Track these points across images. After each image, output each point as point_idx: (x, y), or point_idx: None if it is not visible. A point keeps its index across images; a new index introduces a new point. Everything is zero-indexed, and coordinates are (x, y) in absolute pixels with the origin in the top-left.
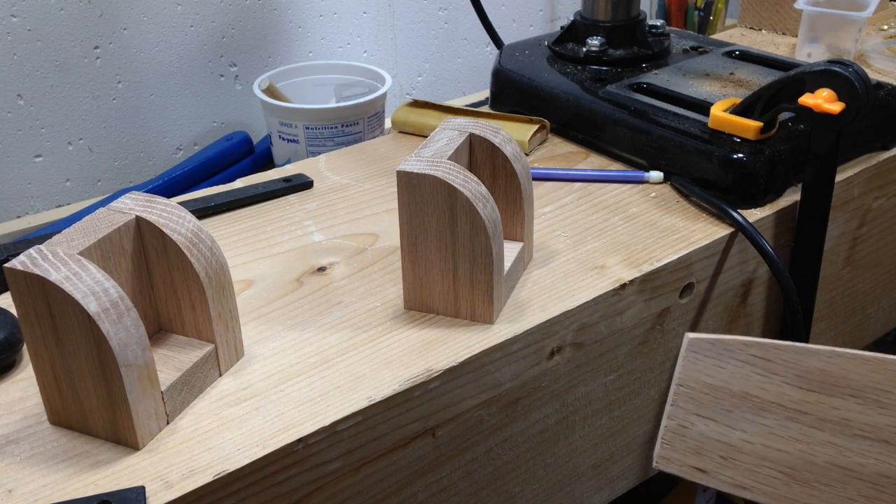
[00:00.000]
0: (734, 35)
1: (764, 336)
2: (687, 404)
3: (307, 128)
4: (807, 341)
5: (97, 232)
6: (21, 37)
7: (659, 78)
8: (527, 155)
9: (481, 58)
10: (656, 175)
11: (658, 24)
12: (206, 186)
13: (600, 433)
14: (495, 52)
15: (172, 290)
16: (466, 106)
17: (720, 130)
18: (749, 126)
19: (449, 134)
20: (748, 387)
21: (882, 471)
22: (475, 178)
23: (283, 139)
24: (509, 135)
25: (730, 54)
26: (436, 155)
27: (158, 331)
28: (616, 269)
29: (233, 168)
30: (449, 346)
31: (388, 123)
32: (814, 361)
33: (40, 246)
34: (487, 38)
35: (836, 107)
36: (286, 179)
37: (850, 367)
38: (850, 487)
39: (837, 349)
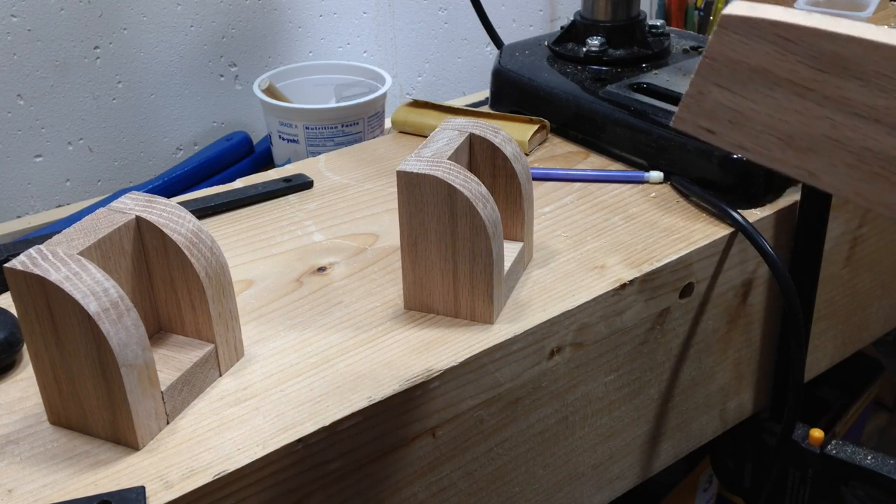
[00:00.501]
0: None
1: (764, 338)
2: (708, 74)
3: (307, 128)
4: (807, 341)
5: (97, 232)
6: (21, 37)
7: (659, 78)
8: (527, 155)
9: (481, 58)
10: (656, 175)
11: (658, 24)
12: (206, 186)
13: (600, 433)
14: (495, 52)
15: (172, 290)
16: (466, 106)
17: None
18: None
19: (449, 134)
20: (765, 63)
21: (867, 145)
22: (475, 178)
23: (283, 139)
24: (509, 135)
25: None
26: (436, 155)
27: (158, 331)
28: (616, 269)
29: (233, 168)
30: (449, 346)
31: (388, 123)
32: (829, 44)
33: (40, 246)
34: (487, 38)
35: None
36: (286, 179)
37: (862, 51)
38: (835, 156)
39: (855, 35)
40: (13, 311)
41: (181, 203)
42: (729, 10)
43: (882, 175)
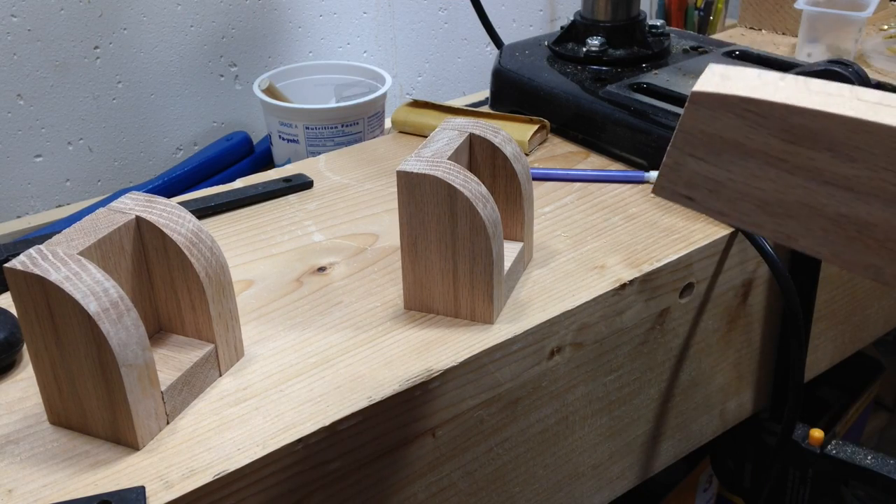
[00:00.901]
0: (734, 35)
1: (764, 338)
2: (684, 146)
3: (307, 128)
4: (807, 341)
5: (97, 232)
6: (21, 37)
7: (659, 78)
8: (527, 155)
9: (481, 58)
10: (656, 175)
11: (658, 24)
12: (206, 186)
13: (600, 433)
14: (495, 52)
15: (172, 290)
16: (466, 106)
17: None
18: None
19: (449, 134)
20: (737, 136)
21: (841, 211)
22: (475, 178)
23: (283, 139)
24: (509, 135)
25: (730, 54)
26: (436, 155)
27: (158, 331)
28: (616, 269)
29: (233, 168)
30: (449, 346)
31: (388, 123)
32: (799, 119)
33: (40, 246)
34: (487, 38)
35: None
36: (286, 179)
37: (830, 125)
38: (811, 222)
39: (823, 110)
40: (13, 311)
41: (181, 203)
42: (700, 85)
43: (858, 239)
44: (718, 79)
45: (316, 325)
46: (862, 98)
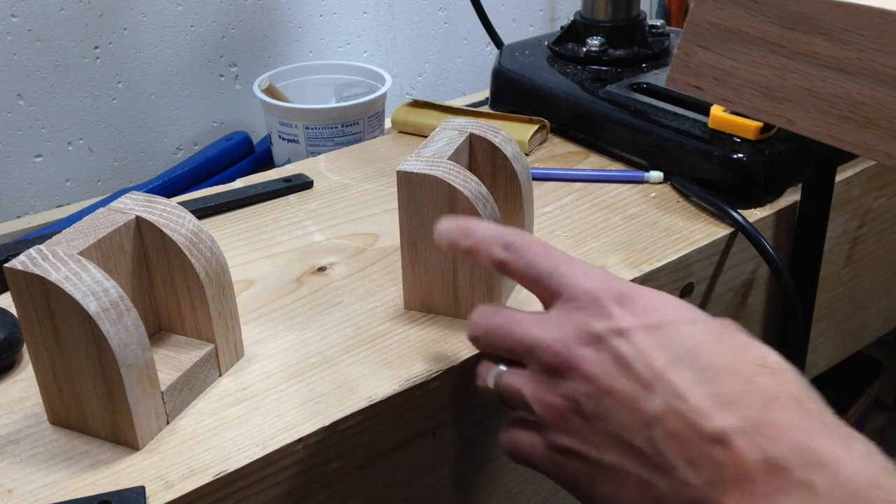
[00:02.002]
0: None
1: (764, 338)
2: (692, 38)
3: (307, 128)
4: (807, 341)
5: (97, 232)
6: (21, 37)
7: (659, 78)
8: (527, 155)
9: (481, 58)
10: (656, 175)
11: (658, 24)
12: (206, 186)
13: None
14: (495, 52)
15: (172, 290)
16: (466, 106)
17: (720, 130)
18: (749, 126)
19: (449, 134)
20: (740, 24)
21: (835, 92)
22: (475, 178)
23: (283, 139)
24: (509, 135)
25: None
26: (436, 155)
27: (158, 331)
28: (616, 269)
29: (233, 168)
30: (449, 346)
31: (388, 123)
32: (794, 5)
33: (40, 246)
34: (487, 38)
35: None
36: (286, 179)
37: (824, 12)
38: (808, 104)
39: None
40: (13, 311)
41: (181, 203)
42: None
43: (851, 118)
44: None
45: (316, 325)
46: None
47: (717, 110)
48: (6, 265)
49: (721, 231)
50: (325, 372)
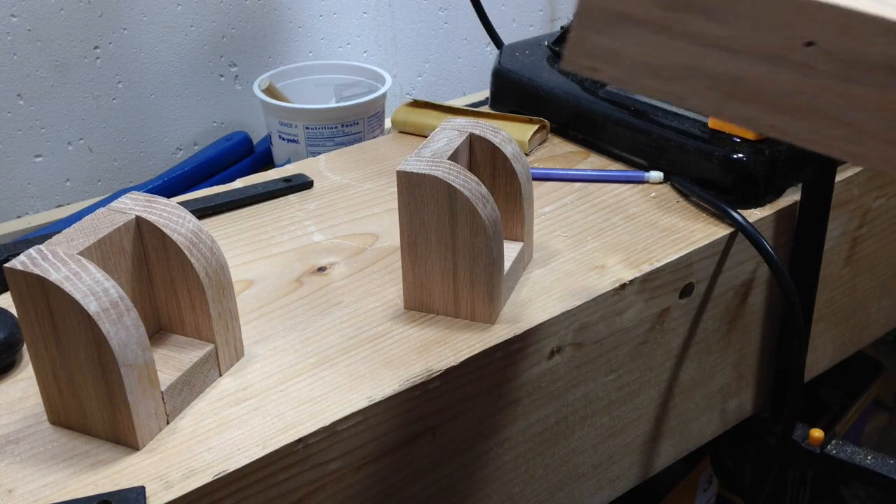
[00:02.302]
0: None
1: (764, 338)
2: (584, 21)
3: (307, 128)
4: (807, 341)
5: (97, 232)
6: (21, 37)
7: None
8: (527, 155)
9: (481, 58)
10: (656, 175)
11: None
12: (206, 186)
13: (600, 433)
14: (495, 52)
15: (172, 290)
16: (466, 106)
17: (720, 130)
18: None
19: (449, 134)
20: (626, 7)
21: (719, 70)
22: (475, 178)
23: (283, 139)
24: (509, 135)
25: None
26: (436, 155)
27: (158, 331)
28: (616, 269)
29: (233, 168)
30: (449, 346)
31: (388, 123)
32: None
33: (40, 246)
34: (487, 38)
35: None
36: (286, 179)
37: None
38: (695, 82)
39: None
40: (13, 311)
41: (181, 203)
42: None
43: (735, 94)
44: None
45: (316, 325)
46: None
47: None
48: (6, 265)
49: (721, 231)
50: (325, 372)
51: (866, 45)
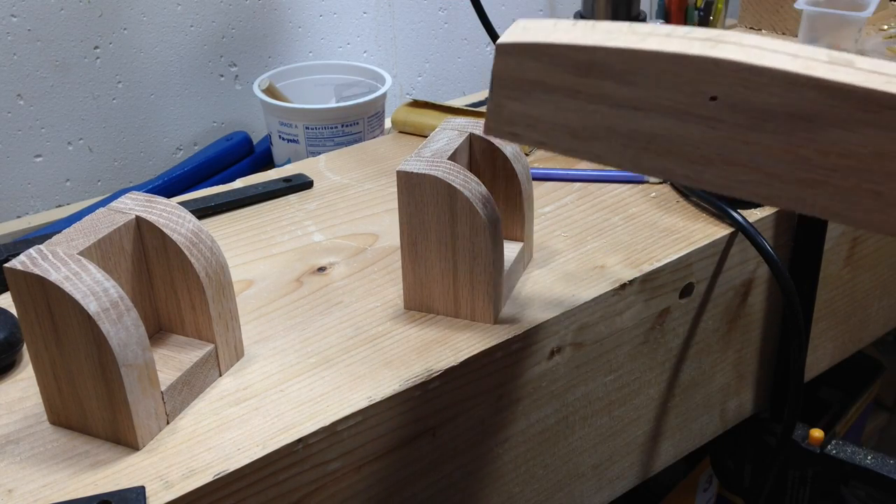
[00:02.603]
0: None
1: (764, 338)
2: (500, 90)
3: (307, 128)
4: (807, 341)
5: (97, 232)
6: (21, 37)
7: None
8: (527, 155)
9: (481, 58)
10: (656, 180)
11: (658, 24)
12: (206, 186)
13: (600, 433)
14: None
15: (172, 290)
16: (466, 106)
17: None
18: None
19: (449, 134)
20: (539, 76)
21: (632, 128)
22: (475, 179)
23: (283, 139)
24: None
25: None
26: (435, 155)
27: (158, 331)
28: (616, 269)
29: (233, 168)
30: (449, 346)
31: (388, 123)
32: (583, 55)
33: (40, 246)
34: (487, 38)
35: None
36: (286, 179)
37: (609, 58)
38: (612, 140)
39: (600, 45)
40: (13, 311)
41: (181, 203)
42: (504, 37)
43: (649, 149)
44: (520, 30)
45: (316, 325)
46: (636, 31)
47: None
48: (6, 265)
49: (721, 231)
50: (325, 372)
51: (765, 95)
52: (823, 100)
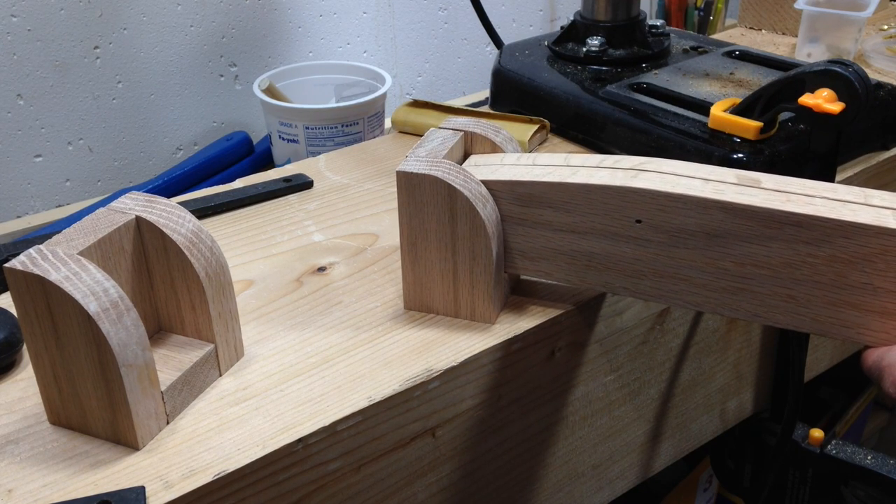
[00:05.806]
0: (734, 35)
1: (764, 338)
2: None
3: (307, 128)
4: (807, 341)
5: (97, 232)
6: (21, 37)
7: (659, 78)
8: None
9: (481, 58)
10: None
11: (658, 24)
12: (206, 186)
13: (600, 433)
14: (495, 52)
15: (172, 290)
16: (466, 106)
17: (720, 130)
18: (749, 126)
19: (443, 133)
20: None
21: (573, 248)
22: (475, 178)
23: (283, 139)
24: (510, 134)
25: (730, 54)
26: (430, 154)
27: (158, 331)
28: None
29: (233, 168)
30: (449, 346)
31: (388, 123)
32: (522, 189)
33: (40, 246)
34: (487, 38)
35: (836, 107)
36: (286, 179)
37: (543, 189)
38: (557, 259)
39: (537, 181)
40: (13, 311)
41: (181, 203)
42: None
43: (591, 266)
44: (472, 167)
45: (316, 325)
46: (570, 164)
47: (716, 110)
48: (6, 265)
49: None
50: (325, 372)
51: (682, 217)
52: (732, 219)
